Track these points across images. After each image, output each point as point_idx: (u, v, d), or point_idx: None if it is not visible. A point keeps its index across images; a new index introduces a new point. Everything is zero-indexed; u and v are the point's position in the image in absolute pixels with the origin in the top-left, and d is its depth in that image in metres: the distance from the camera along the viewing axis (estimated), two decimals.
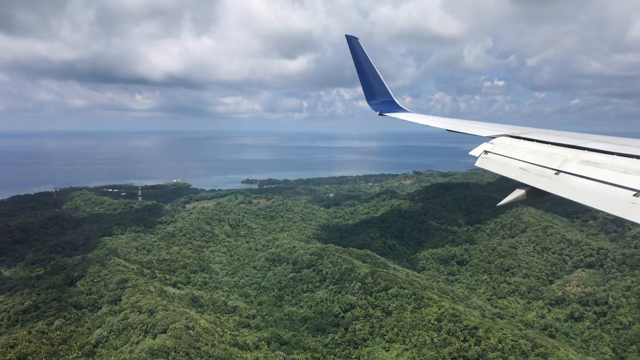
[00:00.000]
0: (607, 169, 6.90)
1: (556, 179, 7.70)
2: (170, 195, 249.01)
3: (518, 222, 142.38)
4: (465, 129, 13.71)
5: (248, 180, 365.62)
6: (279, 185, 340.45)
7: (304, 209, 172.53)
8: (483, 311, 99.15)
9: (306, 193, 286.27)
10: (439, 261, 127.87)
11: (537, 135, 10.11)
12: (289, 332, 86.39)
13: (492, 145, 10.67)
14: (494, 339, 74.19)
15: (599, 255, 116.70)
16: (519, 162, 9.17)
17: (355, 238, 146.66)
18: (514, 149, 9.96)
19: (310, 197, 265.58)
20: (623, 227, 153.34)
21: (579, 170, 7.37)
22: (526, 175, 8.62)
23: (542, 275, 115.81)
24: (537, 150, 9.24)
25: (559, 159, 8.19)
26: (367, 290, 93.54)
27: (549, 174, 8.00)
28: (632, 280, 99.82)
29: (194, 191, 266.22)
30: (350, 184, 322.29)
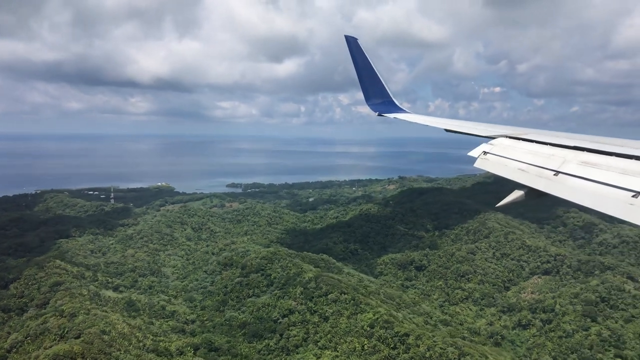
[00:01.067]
0: (605, 170, 6.78)
1: (555, 180, 7.58)
2: (149, 198, 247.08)
3: (482, 227, 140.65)
4: (464, 129, 13.55)
5: (233, 184, 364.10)
6: (263, 189, 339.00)
7: (271, 213, 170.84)
8: (430, 318, 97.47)
9: (288, 197, 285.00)
10: (398, 266, 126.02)
11: (536, 136, 10.08)
12: (224, 338, 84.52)
13: (491, 146, 10.60)
14: (423, 347, 72.30)
15: (556, 261, 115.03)
16: (518, 163, 9.13)
17: (318, 242, 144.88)
18: (513, 149, 9.92)
19: (289, 201, 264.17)
20: (591, 233, 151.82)
21: (578, 171, 7.29)
22: (525, 176, 8.54)
23: (498, 282, 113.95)
24: (536, 151, 9.19)
25: (557, 160, 8.11)
26: (308, 295, 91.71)
27: (548, 174, 7.90)
28: (581, 287, 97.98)
29: (174, 194, 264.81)
30: (335, 188, 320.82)
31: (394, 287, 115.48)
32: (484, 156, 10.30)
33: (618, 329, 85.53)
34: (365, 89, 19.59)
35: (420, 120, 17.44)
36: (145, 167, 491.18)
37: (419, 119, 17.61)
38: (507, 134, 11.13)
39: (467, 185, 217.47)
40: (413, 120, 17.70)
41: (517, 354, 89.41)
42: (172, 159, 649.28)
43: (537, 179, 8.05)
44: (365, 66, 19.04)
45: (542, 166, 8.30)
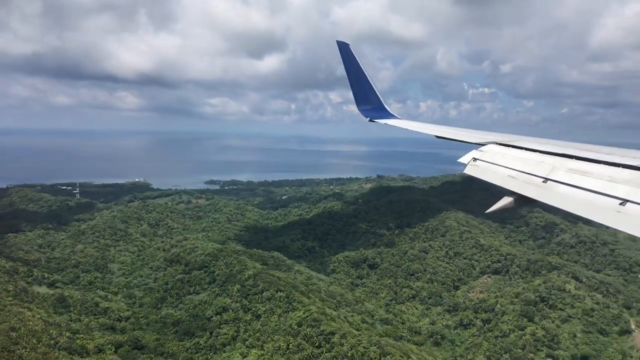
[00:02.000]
0: (594, 178, 6.77)
1: (544, 187, 7.61)
2: (122, 194, 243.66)
3: (440, 226, 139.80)
4: (454, 136, 13.63)
5: (212, 181, 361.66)
6: (241, 186, 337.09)
7: (233, 210, 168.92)
8: (372, 316, 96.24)
9: (263, 194, 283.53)
10: (351, 264, 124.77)
11: (526, 143, 10.12)
12: (154, 336, 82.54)
13: (481, 153, 10.61)
14: (347, 345, 70.92)
15: (506, 261, 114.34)
16: (507, 170, 9.08)
17: (276, 240, 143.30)
18: (502, 156, 9.92)
19: (263, 198, 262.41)
20: (552, 233, 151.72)
21: (566, 178, 7.31)
22: (514, 183, 8.47)
23: (447, 281, 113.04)
24: (526, 158, 9.18)
25: (546, 167, 8.10)
26: (245, 293, 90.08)
27: (537, 182, 7.88)
28: (523, 287, 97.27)
29: (146, 190, 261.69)
30: (313, 186, 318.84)
31: (342, 285, 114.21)
32: (474, 163, 10.29)
33: (553, 328, 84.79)
34: (357, 94, 19.59)
35: (411, 126, 17.47)
36: (127, 163, 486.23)
37: (410, 125, 17.67)
38: (497, 141, 11.12)
39: (436, 185, 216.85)
40: (403, 127, 17.74)
41: (454, 353, 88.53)
42: (157, 155, 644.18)
43: (526, 185, 8.02)
44: (356, 71, 19.01)
45: (531, 173, 8.26)
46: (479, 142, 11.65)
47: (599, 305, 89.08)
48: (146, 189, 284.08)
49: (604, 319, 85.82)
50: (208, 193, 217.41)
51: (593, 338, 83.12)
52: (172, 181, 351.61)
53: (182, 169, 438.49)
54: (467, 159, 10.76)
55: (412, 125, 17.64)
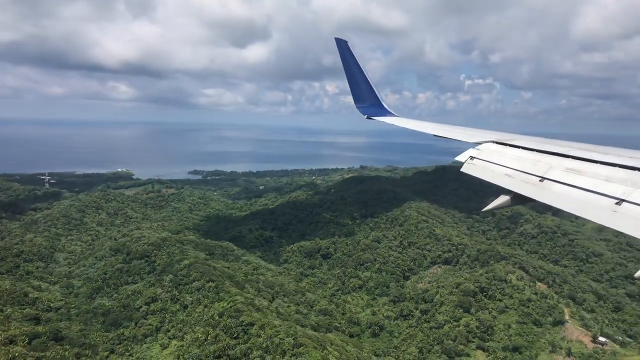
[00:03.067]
0: (590, 177, 6.80)
1: (540, 186, 7.53)
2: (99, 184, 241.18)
3: (400, 216, 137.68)
4: (452, 135, 13.58)
5: (196, 171, 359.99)
6: (224, 176, 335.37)
7: (197, 200, 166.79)
8: (311, 307, 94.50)
9: (244, 184, 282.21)
10: (304, 254, 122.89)
11: (523, 142, 10.06)
12: (79, 327, 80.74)
13: (478, 151, 10.56)
14: (264, 336, 69.11)
15: (457, 251, 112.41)
16: (504, 169, 8.96)
17: (235, 229, 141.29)
18: (499, 155, 9.91)
19: (241, 188, 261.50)
20: (516, 223, 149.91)
21: (563, 177, 7.30)
22: (511, 181, 8.36)
23: (397, 271, 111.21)
24: (522, 157, 9.10)
25: (543, 166, 8.05)
26: (177, 282, 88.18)
27: (534, 180, 7.86)
28: (465, 277, 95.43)
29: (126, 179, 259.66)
30: (294, 176, 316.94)
31: (290, 275, 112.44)
32: (471, 161, 10.24)
33: (489, 320, 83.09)
34: (354, 91, 19.48)
35: (409, 124, 17.36)
36: (114, 153, 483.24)
37: (407, 124, 17.54)
38: (494, 140, 11.06)
39: (408, 175, 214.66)
40: (401, 125, 17.59)
41: (390, 344, 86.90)
42: (146, 146, 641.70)
43: (523, 184, 8.02)
44: (354, 69, 18.83)
45: (528, 172, 8.26)
46: (476, 141, 11.54)
47: (537, 296, 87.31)
48: (127, 178, 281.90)
49: (540, 310, 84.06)
50: (185, 183, 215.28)
51: (527, 329, 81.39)
52: (155, 171, 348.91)
53: (167, 159, 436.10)
54: (464, 157, 10.70)
55: (410, 124, 17.51)
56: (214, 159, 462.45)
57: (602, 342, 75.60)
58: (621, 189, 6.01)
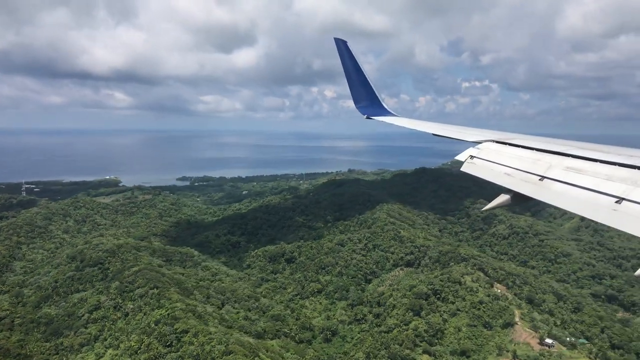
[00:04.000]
0: (590, 176, 6.80)
1: (540, 185, 7.53)
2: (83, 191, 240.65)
3: (370, 218, 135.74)
4: (451, 134, 13.43)
5: (184, 178, 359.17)
6: (212, 182, 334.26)
7: (169, 206, 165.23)
8: (263, 313, 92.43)
9: (229, 190, 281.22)
10: (269, 258, 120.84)
11: (522, 141, 10.01)
12: (17, 337, 79.11)
13: (478, 151, 10.49)
14: (196, 344, 67.22)
15: (419, 252, 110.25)
16: (504, 168, 9.00)
17: (202, 235, 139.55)
18: (499, 154, 9.87)
19: (224, 193, 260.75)
20: (490, 224, 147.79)
21: (563, 176, 7.29)
22: (511, 180, 8.40)
23: (358, 274, 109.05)
24: (522, 156, 9.09)
25: (543, 165, 8.09)
26: (121, 289, 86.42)
27: (534, 179, 7.87)
28: (420, 279, 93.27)
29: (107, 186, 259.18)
30: (281, 181, 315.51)
31: (252, 280, 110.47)
32: (471, 160, 10.20)
33: (439, 323, 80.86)
34: (354, 91, 19.43)
35: (408, 124, 17.26)
36: (105, 160, 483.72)
37: (407, 123, 17.44)
38: (494, 139, 10.97)
39: (387, 178, 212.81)
40: (401, 124, 17.52)
41: (340, 350, 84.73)
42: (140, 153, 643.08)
43: (523, 183, 7.99)
44: (354, 69, 18.74)
45: (527, 171, 8.24)
46: (476, 140, 11.40)
47: (489, 298, 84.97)
48: (113, 185, 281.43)
49: (492, 312, 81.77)
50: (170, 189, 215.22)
51: (477, 332, 79.11)
52: (143, 178, 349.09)
53: (158, 166, 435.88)
54: (464, 156, 10.58)
55: (409, 123, 17.39)
56: (206, 165, 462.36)
57: (548, 344, 73.24)
58: (621, 188, 5.97)
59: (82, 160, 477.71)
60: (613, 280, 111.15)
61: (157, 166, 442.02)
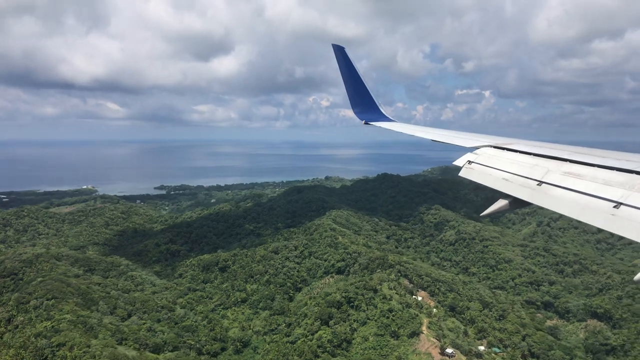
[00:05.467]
0: (588, 181, 6.79)
1: (538, 190, 7.52)
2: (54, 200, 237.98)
3: (314, 225, 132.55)
4: (449, 140, 13.26)
5: (162, 187, 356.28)
6: (188, 190, 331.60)
7: (119, 214, 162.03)
8: (175, 324, 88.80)
9: (202, 198, 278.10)
10: (202, 267, 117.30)
11: (520, 146, 10.01)
12: None
13: (476, 156, 10.45)
14: (70, 358, 63.76)
15: (351, 259, 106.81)
16: (502, 173, 8.95)
17: (142, 243, 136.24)
18: (497, 159, 9.82)
19: (193, 201, 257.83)
20: (440, 230, 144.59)
21: (561, 181, 7.28)
22: (509, 185, 8.36)
23: (288, 283, 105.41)
24: (520, 161, 9.05)
25: (541, 170, 8.06)
26: (19, 301, 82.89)
27: (531, 184, 7.80)
28: (337, 287, 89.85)
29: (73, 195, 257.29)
30: (258, 189, 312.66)
31: (178, 289, 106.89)
32: (469, 165, 10.12)
33: (345, 333, 77.26)
34: (352, 97, 19.40)
35: (406, 129, 17.21)
36: (88, 170, 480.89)
37: (405, 129, 17.36)
38: (491, 144, 10.96)
39: (348, 184, 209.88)
40: (398, 130, 17.44)
41: None
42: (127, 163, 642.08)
43: (521, 188, 7.96)
44: (352, 75, 18.72)
45: (525, 176, 8.23)
46: (473, 145, 11.35)
47: (401, 306, 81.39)
48: (87, 194, 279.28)
49: (401, 321, 78.15)
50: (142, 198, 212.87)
51: (383, 341, 75.50)
52: (120, 187, 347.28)
53: (139, 176, 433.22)
54: (462, 161, 10.46)
55: (407, 129, 17.27)
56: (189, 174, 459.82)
57: (449, 354, 69.61)
58: (619, 192, 5.95)
59: (65, 171, 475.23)
60: (552, 286, 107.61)
61: (138, 176, 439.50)
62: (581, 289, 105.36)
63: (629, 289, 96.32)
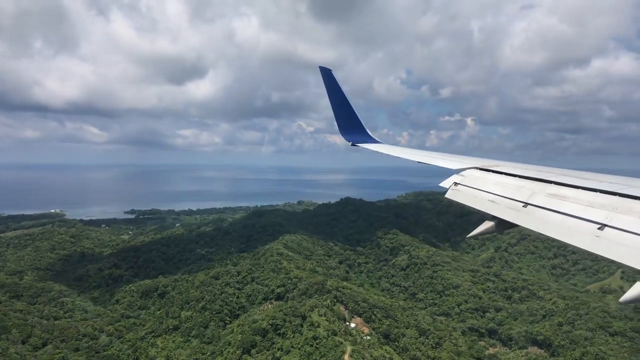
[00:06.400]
0: (572, 203, 6.85)
1: (524, 212, 7.57)
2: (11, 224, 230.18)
3: (263, 249, 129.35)
4: (435, 162, 13.16)
5: (133, 211, 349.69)
6: (159, 214, 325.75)
7: (67, 238, 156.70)
8: (96, 353, 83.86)
9: (168, 222, 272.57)
10: (141, 294, 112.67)
11: (506, 168, 9.97)
12: None
13: (462, 177, 10.42)
14: None
15: (291, 284, 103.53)
16: (488, 195, 8.96)
17: (85, 268, 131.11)
18: (483, 181, 9.80)
19: (158, 226, 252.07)
20: (395, 255, 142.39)
21: (546, 203, 7.32)
22: (495, 207, 8.36)
23: (225, 309, 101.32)
24: (506, 183, 9.05)
25: (526, 192, 8.04)
26: None
27: (517, 206, 7.83)
28: (265, 314, 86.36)
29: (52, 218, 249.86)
30: (229, 214, 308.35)
31: (112, 315, 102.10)
32: (455, 187, 10.14)
33: None
34: (339, 119, 19.45)
35: (392, 151, 17.08)
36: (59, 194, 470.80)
37: (391, 150, 17.28)
38: (478, 166, 10.99)
39: (310, 208, 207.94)
40: (384, 152, 17.28)
41: None
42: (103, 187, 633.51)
43: (507, 210, 8.00)
44: (338, 97, 18.83)
45: (511, 198, 8.23)
46: (459, 167, 11.32)
47: (327, 333, 78.13)
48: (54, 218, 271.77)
49: (324, 349, 74.70)
50: (108, 222, 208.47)
51: None
52: (89, 211, 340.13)
53: (112, 199, 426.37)
54: (448, 183, 10.52)
55: (393, 150, 17.27)
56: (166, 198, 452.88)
57: None
58: (603, 214, 6.03)
59: (37, 194, 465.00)
60: (498, 313, 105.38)
61: (112, 199, 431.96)
62: (526, 315, 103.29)
63: (570, 315, 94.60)
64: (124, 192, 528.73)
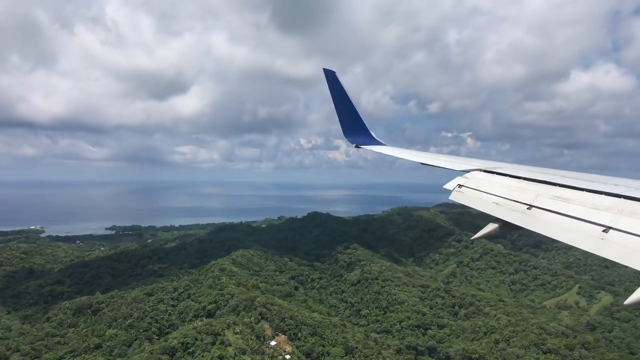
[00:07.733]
0: (577, 205, 6.77)
1: (528, 214, 7.52)
2: None
3: (209, 265, 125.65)
4: (439, 163, 13.12)
5: (113, 227, 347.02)
6: (138, 231, 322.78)
7: (19, 255, 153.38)
8: None
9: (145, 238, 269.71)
10: (74, 311, 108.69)
11: (510, 170, 9.89)
12: None
13: (466, 179, 10.32)
14: None
15: (223, 300, 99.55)
16: (492, 197, 8.90)
17: (27, 285, 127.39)
18: (487, 183, 9.70)
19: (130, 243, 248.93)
20: (351, 270, 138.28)
21: (550, 205, 7.25)
22: (499, 209, 8.28)
23: (153, 327, 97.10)
24: (510, 185, 8.98)
25: (531, 194, 7.98)
26: None
27: (521, 208, 7.76)
28: (180, 332, 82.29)
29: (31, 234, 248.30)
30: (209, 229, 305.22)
31: (37, 334, 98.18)
32: (459, 189, 10.00)
33: None
34: (343, 121, 19.28)
35: (396, 153, 17.15)
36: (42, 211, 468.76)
37: (395, 152, 17.31)
38: (481, 168, 10.85)
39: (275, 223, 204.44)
40: (389, 153, 17.44)
41: None
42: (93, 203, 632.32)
43: (511, 212, 7.94)
44: (342, 99, 18.75)
45: (515, 200, 8.17)
46: (463, 169, 11.24)
47: (235, 351, 74.03)
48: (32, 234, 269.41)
49: None
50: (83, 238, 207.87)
51: None
52: (69, 227, 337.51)
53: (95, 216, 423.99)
54: (452, 185, 10.41)
55: (397, 152, 17.26)
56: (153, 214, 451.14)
57: None
58: (608, 216, 5.97)
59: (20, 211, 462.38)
60: (440, 330, 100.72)
61: (96, 216, 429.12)
62: (469, 332, 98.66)
63: (507, 332, 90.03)
64: (112, 209, 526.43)
